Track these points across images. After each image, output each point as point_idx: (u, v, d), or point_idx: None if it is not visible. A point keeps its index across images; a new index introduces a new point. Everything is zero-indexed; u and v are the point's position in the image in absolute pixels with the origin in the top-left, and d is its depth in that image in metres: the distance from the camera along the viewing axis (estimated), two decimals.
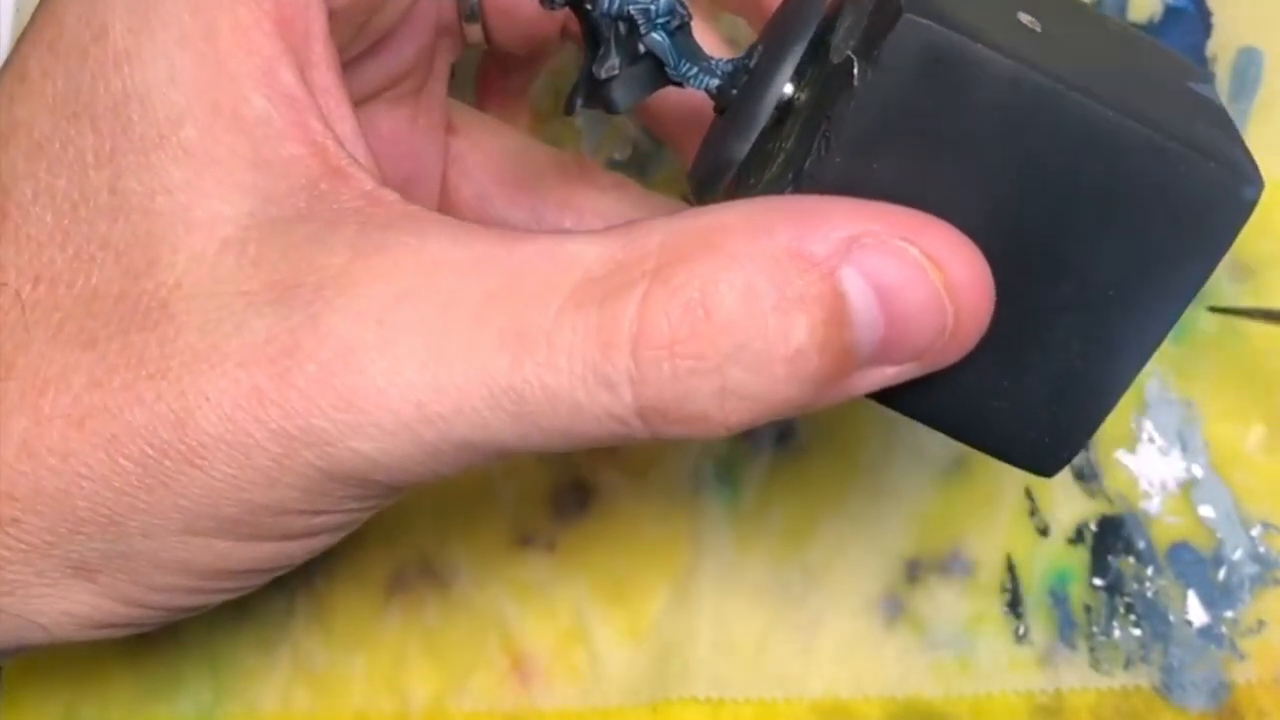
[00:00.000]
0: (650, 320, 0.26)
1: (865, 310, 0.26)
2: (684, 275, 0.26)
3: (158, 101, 0.28)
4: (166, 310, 0.28)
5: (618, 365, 0.26)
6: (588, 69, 0.30)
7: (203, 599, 0.30)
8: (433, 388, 0.27)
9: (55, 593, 0.29)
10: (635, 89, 0.30)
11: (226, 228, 0.28)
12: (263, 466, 0.27)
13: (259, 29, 0.29)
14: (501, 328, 0.26)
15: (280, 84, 0.29)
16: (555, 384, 0.26)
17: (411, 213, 0.28)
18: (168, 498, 0.28)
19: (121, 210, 0.28)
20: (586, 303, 0.26)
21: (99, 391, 0.28)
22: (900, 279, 0.26)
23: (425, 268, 0.27)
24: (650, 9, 0.29)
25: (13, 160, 0.29)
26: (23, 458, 0.28)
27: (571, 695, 0.42)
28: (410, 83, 0.37)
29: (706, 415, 0.27)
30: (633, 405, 0.26)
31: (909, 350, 0.27)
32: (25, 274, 0.29)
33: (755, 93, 0.29)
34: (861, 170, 0.27)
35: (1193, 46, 0.43)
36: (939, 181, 0.27)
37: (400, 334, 0.27)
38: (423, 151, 0.38)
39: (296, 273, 0.27)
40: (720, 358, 0.26)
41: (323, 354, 0.27)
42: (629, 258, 0.26)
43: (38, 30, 0.30)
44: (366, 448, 0.27)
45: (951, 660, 0.41)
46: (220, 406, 0.27)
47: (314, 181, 0.28)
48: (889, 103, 0.27)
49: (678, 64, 0.30)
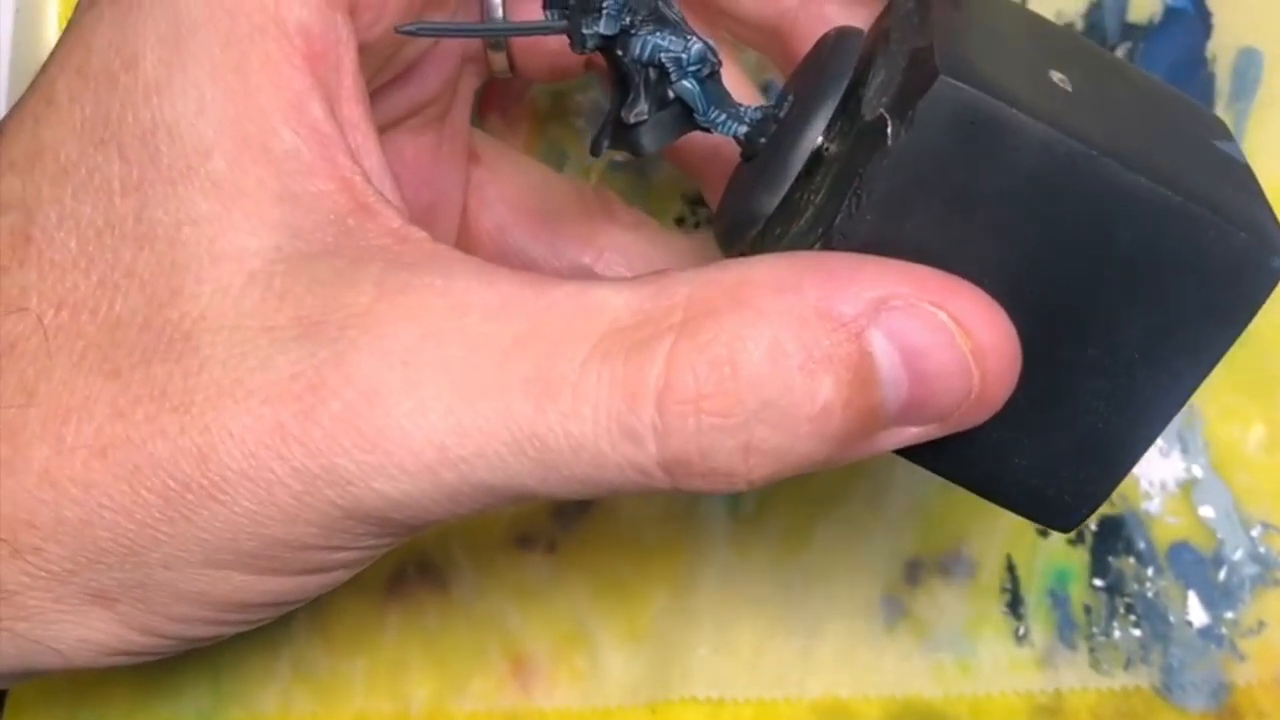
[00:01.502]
0: (677, 374, 0.26)
1: (891, 372, 0.26)
2: (711, 330, 0.26)
3: (186, 133, 0.28)
4: (190, 342, 0.28)
5: (643, 418, 0.26)
6: (615, 112, 0.30)
7: (218, 629, 0.30)
8: (456, 431, 0.27)
9: (73, 619, 0.29)
10: (662, 133, 0.30)
11: (253, 261, 0.28)
12: (283, 503, 0.27)
13: (289, 63, 0.29)
14: (526, 373, 0.27)
15: (309, 119, 0.29)
16: (579, 433, 0.26)
17: (439, 252, 0.28)
18: (189, 530, 0.28)
19: (147, 239, 0.28)
20: (613, 353, 0.26)
21: (122, 422, 0.28)
22: (927, 342, 0.26)
23: (452, 309, 0.27)
24: (681, 57, 0.29)
25: (38, 185, 0.29)
26: (44, 487, 0.28)
27: (571, 696, 0.42)
28: (434, 110, 0.36)
29: (730, 470, 0.27)
30: (656, 458, 0.26)
31: (933, 413, 0.27)
32: (48, 299, 0.29)
33: (786, 143, 0.29)
34: (892, 229, 0.27)
35: (1193, 46, 0.42)
36: (969, 242, 0.27)
37: (425, 375, 0.27)
38: (445, 179, 0.37)
39: (322, 309, 0.27)
40: (746, 414, 0.26)
41: (347, 393, 0.27)
42: (656, 309, 0.27)
43: (66, 53, 0.30)
44: (387, 488, 0.27)
45: (951, 661, 0.41)
46: (244, 442, 0.27)
47: (341, 217, 0.28)
48: (922, 163, 0.26)
49: (706, 111, 0.30)
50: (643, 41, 0.29)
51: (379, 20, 0.31)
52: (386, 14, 0.31)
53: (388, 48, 0.32)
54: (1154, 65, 0.42)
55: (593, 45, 0.29)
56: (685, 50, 0.29)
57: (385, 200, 0.29)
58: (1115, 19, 0.43)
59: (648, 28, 0.29)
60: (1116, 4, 0.43)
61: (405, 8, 0.31)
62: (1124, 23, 0.43)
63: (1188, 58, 0.42)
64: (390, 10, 0.31)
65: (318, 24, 0.29)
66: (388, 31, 0.31)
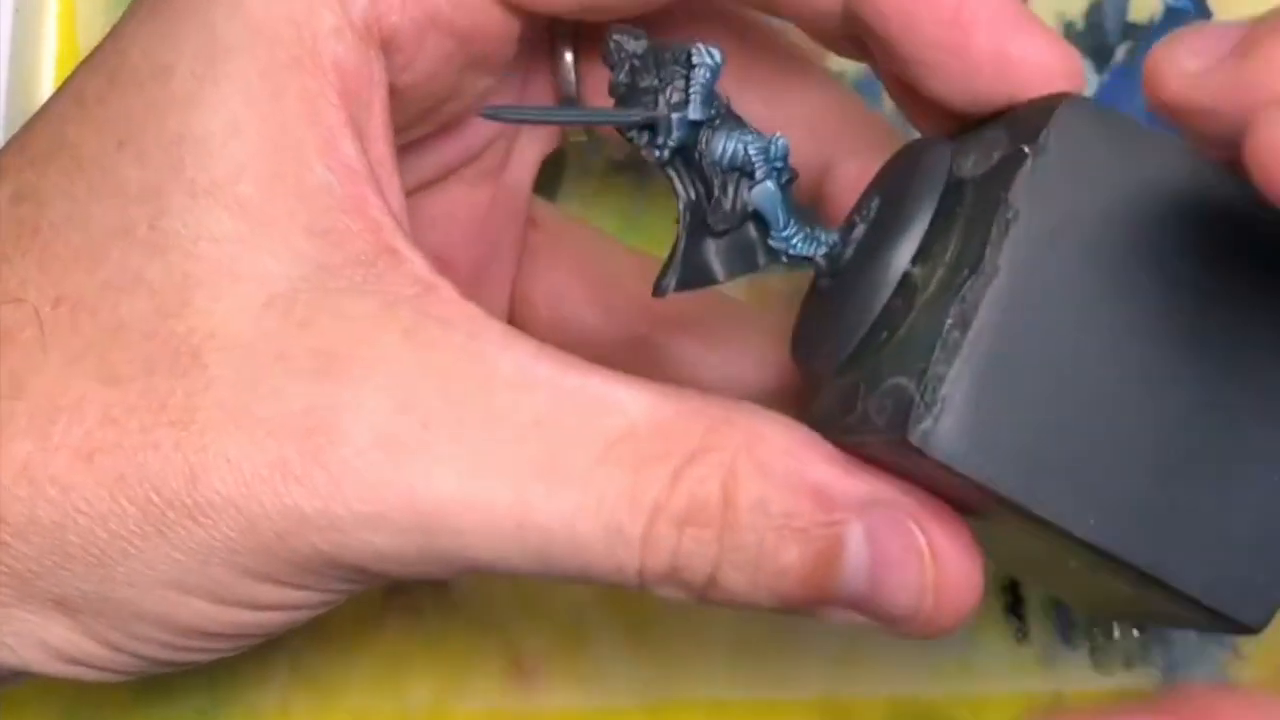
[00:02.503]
0: (674, 497, 0.27)
1: (855, 567, 0.28)
2: (714, 467, 0.28)
3: (216, 151, 0.28)
4: (198, 359, 0.28)
5: (635, 527, 0.27)
6: (685, 247, 0.29)
7: (178, 655, 0.30)
8: (463, 502, 0.27)
9: (35, 620, 0.29)
10: (735, 259, 0.29)
11: (276, 284, 0.28)
12: (265, 537, 0.27)
13: (324, 98, 0.29)
14: (539, 458, 0.27)
15: (342, 155, 0.29)
16: (581, 528, 0.27)
17: (465, 309, 0.28)
18: (162, 547, 0.28)
19: (160, 249, 0.28)
20: (625, 460, 0.27)
21: (114, 429, 0.28)
22: (898, 556, 0.28)
23: (477, 376, 0.28)
24: (769, 149, 0.28)
25: (53, 179, 0.29)
26: (21, 483, 0.28)
27: (571, 696, 0.42)
28: (488, 162, 0.36)
29: (691, 587, 0.28)
30: (637, 563, 0.28)
31: (878, 614, 0.29)
32: (46, 293, 0.28)
33: (872, 269, 0.28)
34: (1001, 369, 0.26)
35: None
36: (1120, 276, 0.26)
37: (442, 439, 0.27)
38: (497, 239, 0.37)
39: (345, 347, 0.28)
40: (719, 549, 0.28)
41: (360, 440, 0.27)
42: (674, 430, 0.28)
43: (102, 58, 0.30)
44: (378, 541, 0.27)
45: (952, 660, 0.41)
46: (239, 469, 0.27)
47: (369, 258, 0.28)
48: (1064, 185, 0.26)
49: (786, 223, 0.29)
50: (725, 135, 0.28)
51: (412, 64, 0.31)
52: (420, 59, 0.31)
53: (424, 96, 0.32)
54: None
55: (678, 138, 0.28)
56: (772, 143, 0.28)
57: (412, 246, 0.29)
58: (1115, 18, 0.43)
59: (728, 124, 0.28)
60: (1117, 3, 0.43)
61: (442, 58, 0.31)
62: (1124, 22, 0.43)
63: None
64: (426, 55, 0.31)
65: (353, 61, 0.29)
66: (423, 77, 0.31)
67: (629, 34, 0.28)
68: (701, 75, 0.28)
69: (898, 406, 0.26)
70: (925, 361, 0.26)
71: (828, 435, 0.28)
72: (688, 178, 0.29)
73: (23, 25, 0.41)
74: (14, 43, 0.41)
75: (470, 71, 0.32)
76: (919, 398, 0.26)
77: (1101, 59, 0.42)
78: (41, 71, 0.43)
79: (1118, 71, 0.42)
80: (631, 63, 0.28)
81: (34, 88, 0.42)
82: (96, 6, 0.42)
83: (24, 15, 0.41)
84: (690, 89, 0.28)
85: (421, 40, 0.30)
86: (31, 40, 0.42)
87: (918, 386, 0.26)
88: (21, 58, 0.42)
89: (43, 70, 0.43)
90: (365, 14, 0.29)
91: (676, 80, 0.28)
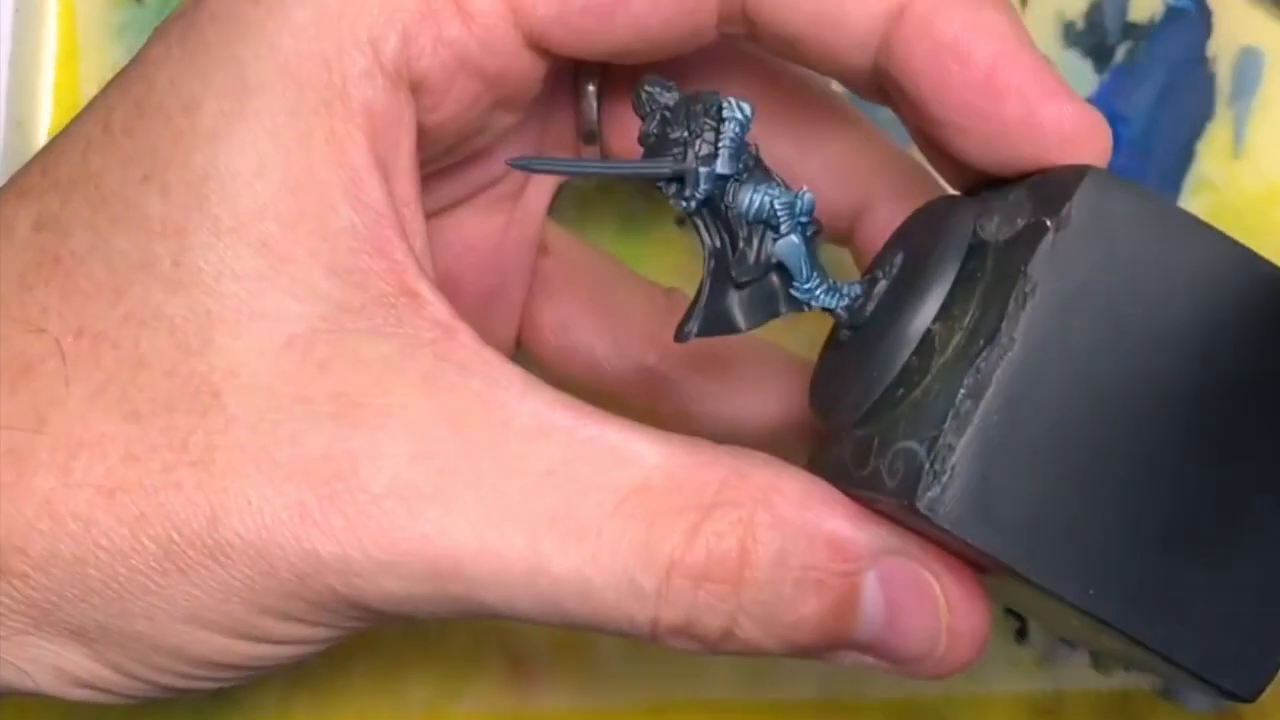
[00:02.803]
0: (690, 552, 0.28)
1: (871, 613, 0.28)
2: (731, 522, 0.28)
3: (242, 190, 0.28)
4: (219, 399, 0.28)
5: (651, 581, 0.28)
6: (708, 295, 0.29)
7: (191, 684, 0.30)
8: (477, 551, 0.28)
9: (51, 648, 0.29)
10: (757, 309, 0.29)
11: (296, 325, 0.28)
12: (284, 579, 0.28)
13: (353, 141, 0.29)
14: (554, 509, 0.28)
15: (368, 197, 0.29)
16: (594, 579, 0.28)
17: (484, 355, 0.29)
18: (181, 585, 0.28)
19: (183, 284, 0.28)
20: (639, 514, 0.28)
21: (136, 467, 0.28)
22: (913, 602, 0.29)
23: (494, 424, 0.28)
24: (795, 204, 0.29)
25: (76, 207, 0.29)
26: (43, 517, 0.28)
27: (571, 696, 0.42)
28: (505, 189, 0.36)
29: (705, 641, 0.29)
30: (651, 617, 0.28)
31: (892, 657, 0.29)
32: (68, 324, 0.29)
33: (893, 327, 0.28)
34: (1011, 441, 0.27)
35: (1193, 46, 0.42)
36: (1131, 358, 0.27)
37: (458, 488, 0.28)
38: (510, 266, 0.37)
39: (364, 391, 0.28)
40: (736, 603, 0.28)
41: (376, 487, 0.27)
42: (688, 483, 0.28)
43: (129, 84, 0.30)
44: (394, 587, 0.28)
45: None
46: (260, 513, 0.27)
47: (390, 300, 0.29)
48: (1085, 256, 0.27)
49: (809, 276, 0.29)
50: (753, 189, 0.28)
51: (440, 105, 0.31)
52: (448, 100, 0.31)
53: (450, 134, 0.32)
54: (1154, 65, 0.42)
55: (705, 190, 0.28)
56: (798, 198, 0.29)
57: (433, 289, 0.29)
58: (1116, 18, 0.42)
59: (755, 176, 0.29)
60: (1117, 3, 0.43)
61: (470, 99, 0.31)
62: (1125, 22, 0.42)
63: (1188, 57, 0.42)
64: (454, 97, 0.31)
65: (382, 103, 0.29)
66: (450, 117, 0.31)
67: (661, 85, 0.29)
68: (731, 129, 0.28)
69: (908, 471, 0.27)
70: (937, 430, 0.27)
71: (839, 485, 0.29)
72: (713, 227, 0.29)
73: (23, 25, 0.41)
74: (14, 43, 0.41)
75: (496, 110, 0.32)
76: (929, 465, 0.26)
77: (1101, 59, 0.42)
78: (41, 71, 0.42)
79: (1118, 71, 0.42)
80: (662, 113, 0.29)
81: (34, 88, 0.42)
82: (96, 6, 0.42)
83: (24, 15, 0.41)
84: (720, 142, 0.28)
85: (451, 82, 0.30)
86: (31, 40, 0.42)
87: (928, 454, 0.26)
88: (21, 58, 0.41)
89: (43, 70, 0.42)
90: (396, 57, 0.29)
91: (706, 133, 0.28)
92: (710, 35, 0.31)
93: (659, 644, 0.29)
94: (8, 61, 0.41)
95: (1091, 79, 0.42)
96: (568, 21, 0.30)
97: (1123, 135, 0.42)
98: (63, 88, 0.42)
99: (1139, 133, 0.42)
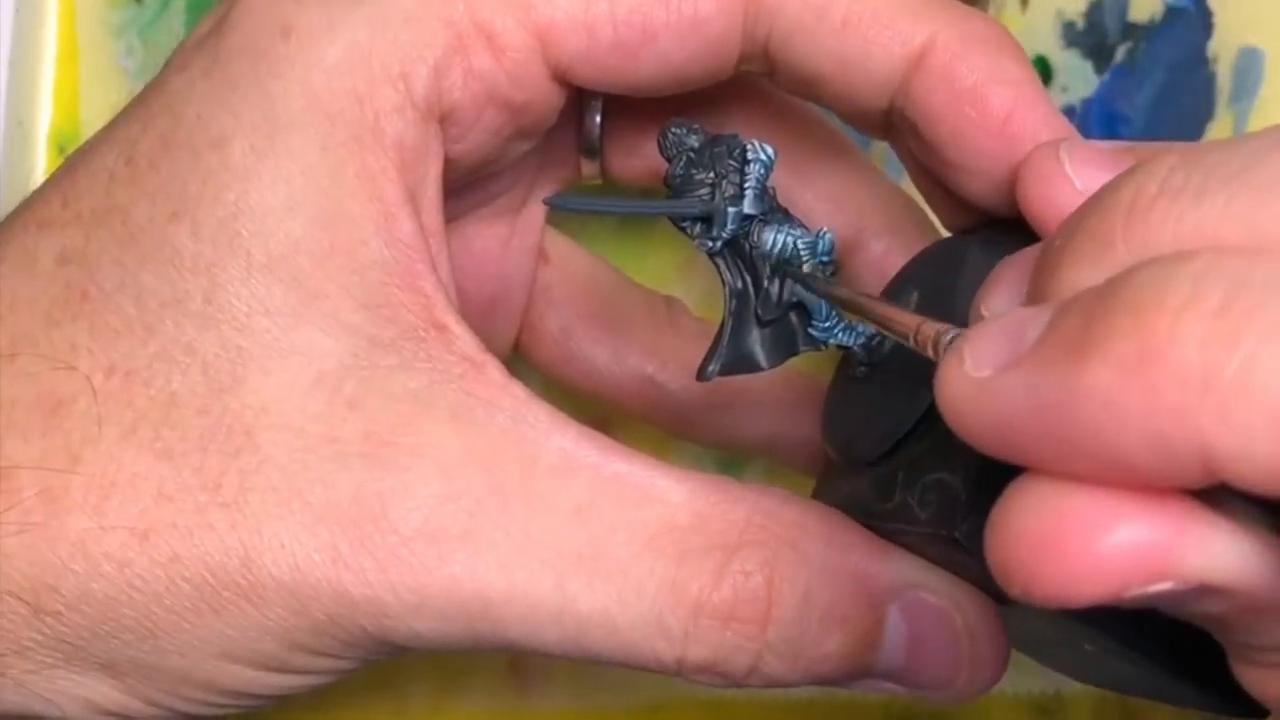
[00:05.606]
0: (718, 592, 0.28)
1: (894, 644, 0.29)
2: (758, 561, 0.28)
3: (273, 227, 0.28)
4: (251, 438, 0.28)
5: (678, 620, 0.28)
6: (731, 335, 0.29)
7: (215, 711, 0.30)
8: (505, 591, 0.28)
9: (81, 681, 0.29)
10: (776, 348, 0.30)
11: (326, 362, 0.28)
12: (316, 618, 0.28)
13: (385, 175, 0.29)
14: (581, 548, 0.28)
15: (399, 231, 0.29)
16: (620, 618, 0.28)
17: (514, 393, 0.29)
18: (214, 624, 0.28)
19: (214, 321, 0.28)
20: (666, 552, 0.28)
21: (169, 507, 0.28)
22: (936, 634, 0.29)
23: (521, 462, 0.28)
24: (816, 244, 0.29)
25: (103, 243, 0.29)
26: (77, 557, 0.28)
27: (571, 696, 0.42)
28: (508, 201, 0.36)
29: (731, 676, 0.29)
30: (679, 655, 0.28)
31: (912, 685, 0.30)
32: (99, 361, 0.28)
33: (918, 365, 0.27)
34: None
35: (1194, 46, 0.42)
36: None
37: (486, 529, 0.28)
38: (511, 275, 0.37)
39: (393, 430, 0.28)
40: (763, 642, 0.29)
41: (407, 529, 0.28)
42: (715, 522, 0.29)
43: (151, 115, 0.30)
44: (423, 628, 0.28)
45: None
46: (292, 555, 0.28)
47: (420, 332, 0.29)
48: None
49: (828, 315, 0.29)
50: (775, 229, 0.29)
51: (465, 135, 0.31)
52: (473, 131, 0.31)
53: (472, 163, 0.32)
54: (1154, 65, 0.42)
55: (732, 230, 0.29)
56: (819, 239, 0.29)
57: (460, 322, 0.29)
58: (1116, 18, 0.42)
59: (776, 216, 0.29)
60: (1117, 3, 0.43)
61: (494, 129, 0.31)
62: (1125, 22, 0.43)
63: (1188, 57, 0.42)
64: (479, 128, 0.31)
65: (412, 137, 0.29)
66: (474, 147, 0.31)
67: (685, 127, 0.30)
68: (757, 171, 0.29)
69: (943, 502, 0.27)
70: (970, 459, 0.26)
71: (857, 518, 0.29)
72: (735, 267, 0.29)
73: (23, 25, 0.41)
74: (14, 43, 0.41)
75: (516, 138, 0.32)
76: (964, 495, 0.26)
77: (1101, 59, 0.42)
78: (41, 71, 0.42)
79: (1118, 71, 0.42)
80: (688, 155, 0.29)
81: (34, 88, 0.42)
82: (96, 6, 0.42)
83: (24, 15, 0.41)
84: (745, 184, 0.29)
85: (480, 114, 0.30)
86: (31, 40, 0.42)
87: (963, 484, 0.27)
88: (21, 58, 0.41)
89: (43, 70, 0.42)
90: (428, 91, 0.29)
91: (731, 174, 0.29)
92: (728, 73, 0.31)
93: (683, 677, 0.29)
94: (8, 61, 0.41)
95: (1091, 79, 0.42)
96: (595, 58, 0.30)
97: (1123, 135, 0.42)
98: (63, 88, 0.42)
99: (1139, 133, 0.42)
